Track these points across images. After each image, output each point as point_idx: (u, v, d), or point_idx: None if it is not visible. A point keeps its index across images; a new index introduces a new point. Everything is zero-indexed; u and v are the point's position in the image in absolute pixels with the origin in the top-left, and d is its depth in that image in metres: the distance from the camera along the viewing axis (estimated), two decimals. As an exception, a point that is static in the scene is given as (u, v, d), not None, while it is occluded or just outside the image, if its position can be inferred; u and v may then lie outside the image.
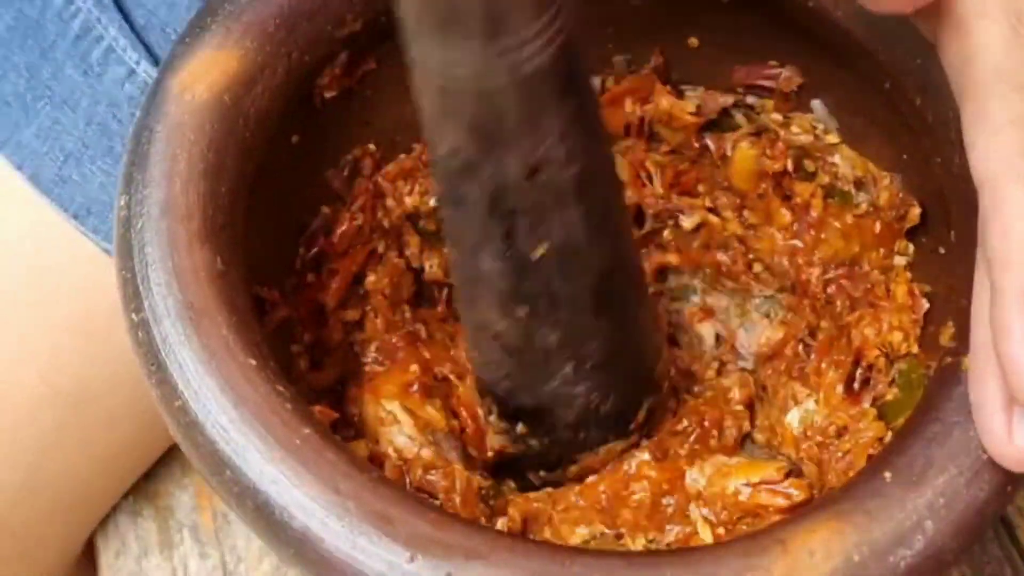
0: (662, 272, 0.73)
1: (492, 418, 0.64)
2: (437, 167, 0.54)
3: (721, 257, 0.71)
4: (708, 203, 0.71)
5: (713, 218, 0.71)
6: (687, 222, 0.71)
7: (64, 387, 0.78)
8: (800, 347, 0.68)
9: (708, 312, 0.72)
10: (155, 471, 0.85)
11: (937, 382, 0.53)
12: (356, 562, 0.47)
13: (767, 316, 0.71)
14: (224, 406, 0.50)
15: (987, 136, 0.49)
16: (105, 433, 0.80)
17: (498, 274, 0.55)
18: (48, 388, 0.78)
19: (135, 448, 0.82)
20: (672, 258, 0.72)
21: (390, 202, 0.69)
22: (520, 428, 0.63)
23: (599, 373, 0.60)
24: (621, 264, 0.59)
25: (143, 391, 0.77)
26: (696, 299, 0.73)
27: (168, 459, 0.85)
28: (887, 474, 0.50)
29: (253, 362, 0.51)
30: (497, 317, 0.57)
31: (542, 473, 0.65)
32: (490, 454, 0.65)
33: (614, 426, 0.64)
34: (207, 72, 0.58)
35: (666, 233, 0.72)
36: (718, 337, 0.72)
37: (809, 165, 0.69)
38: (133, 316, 0.53)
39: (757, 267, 0.71)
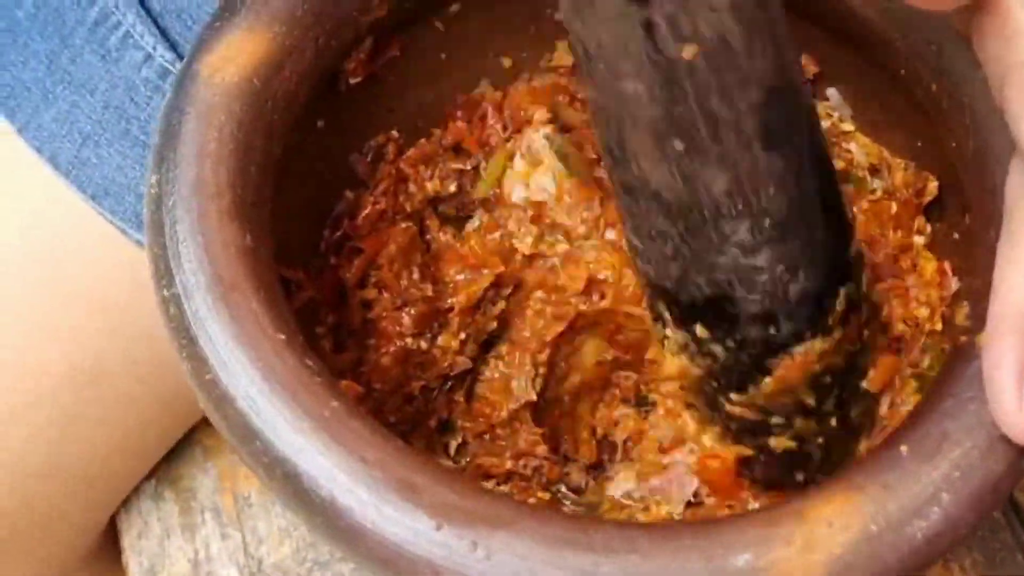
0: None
1: (668, 332, 0.59)
2: None
3: None
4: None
5: None
6: None
7: (83, 365, 0.80)
8: None
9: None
10: (176, 455, 0.86)
11: (952, 359, 0.54)
12: (383, 530, 0.48)
13: None
14: (254, 378, 0.51)
15: None
16: (124, 412, 0.81)
17: (645, 95, 0.48)
18: (67, 366, 0.79)
19: (155, 428, 0.83)
20: None
21: (412, 187, 0.70)
22: (699, 330, 0.57)
23: (782, 235, 0.53)
24: (788, 81, 0.51)
25: (161, 372, 0.80)
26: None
27: (189, 442, 0.86)
28: (903, 448, 0.51)
29: (282, 336, 0.52)
30: (652, 163, 0.50)
31: (732, 396, 0.59)
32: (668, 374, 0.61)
33: (809, 319, 0.56)
34: (236, 55, 0.59)
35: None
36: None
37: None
38: (164, 292, 0.54)
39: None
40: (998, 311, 0.51)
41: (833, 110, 0.70)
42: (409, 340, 0.66)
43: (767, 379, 0.58)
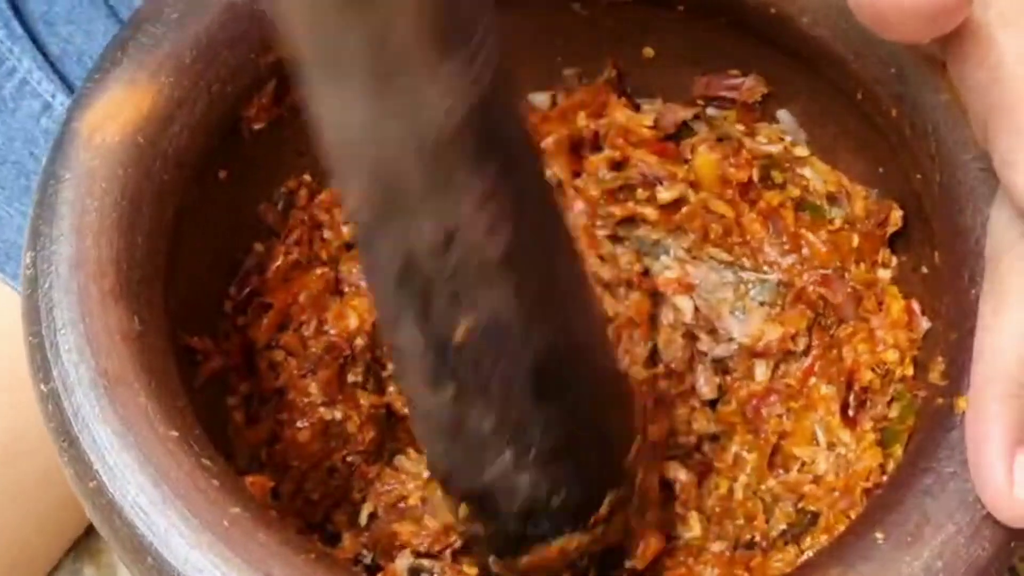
0: (630, 220, 0.67)
1: (438, 492, 0.58)
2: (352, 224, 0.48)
3: (711, 223, 0.65)
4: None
5: (695, 194, 0.66)
6: (666, 193, 0.66)
7: None
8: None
9: (686, 285, 0.66)
10: (95, 528, 0.80)
11: (928, 426, 0.49)
12: (293, 659, 0.43)
13: (763, 305, 0.66)
14: (143, 485, 0.46)
15: None
16: (41, 489, 0.76)
17: (419, 352, 0.48)
18: (-21, 444, 0.74)
19: (74, 504, 0.78)
20: (648, 212, 0.66)
21: (327, 233, 0.65)
22: (463, 510, 0.55)
23: (546, 463, 0.52)
24: (571, 341, 0.51)
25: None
26: (668, 260, 0.67)
27: (109, 513, 0.81)
28: (879, 534, 0.46)
29: (175, 433, 0.47)
30: (424, 395, 0.50)
31: (491, 557, 0.58)
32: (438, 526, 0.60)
33: (571, 519, 0.55)
34: (118, 112, 0.53)
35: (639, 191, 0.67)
36: (697, 312, 0.67)
37: (777, 176, 0.64)
38: (42, 387, 0.49)
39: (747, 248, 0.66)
40: (983, 375, 0.46)
41: (785, 134, 0.64)
42: (323, 410, 0.61)
43: (524, 557, 0.56)
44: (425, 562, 0.59)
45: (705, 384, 0.64)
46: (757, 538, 0.61)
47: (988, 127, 0.46)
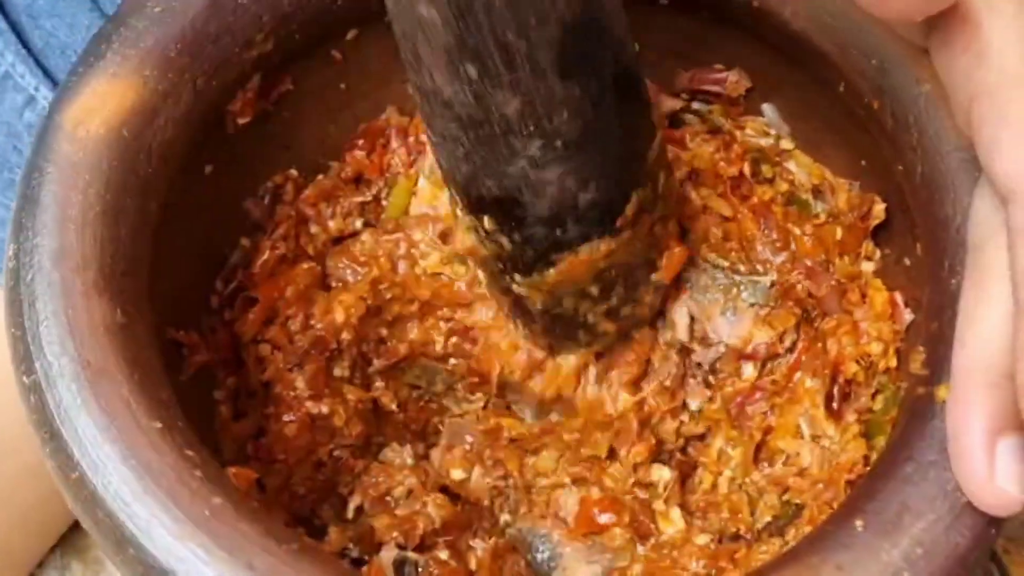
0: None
1: (459, 212, 0.57)
2: None
3: (711, 226, 0.65)
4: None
5: (695, 191, 0.65)
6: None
7: None
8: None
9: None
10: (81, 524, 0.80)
11: (909, 415, 0.49)
12: (274, 648, 0.43)
13: (753, 306, 0.65)
14: (126, 476, 0.46)
15: (1014, 138, 0.45)
16: (26, 487, 0.76)
17: (440, 21, 0.46)
18: (-37, 443, 0.74)
19: (59, 500, 0.77)
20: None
21: (314, 228, 0.65)
22: (487, 222, 0.55)
23: (574, 154, 0.52)
24: (592, 16, 0.49)
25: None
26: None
27: (97, 508, 0.80)
28: (859, 522, 0.46)
29: (158, 425, 0.47)
30: (445, 79, 0.49)
31: (517, 277, 0.58)
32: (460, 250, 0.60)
33: (597, 221, 0.55)
34: (102, 105, 0.53)
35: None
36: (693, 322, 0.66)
37: (767, 170, 0.64)
38: (24, 379, 0.48)
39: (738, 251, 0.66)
40: (964, 364, 0.46)
41: (769, 127, 0.64)
42: (309, 404, 0.60)
43: (551, 270, 0.57)
44: (410, 555, 0.59)
45: (695, 397, 0.64)
46: (742, 530, 0.61)
47: (972, 113, 0.46)
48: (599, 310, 0.60)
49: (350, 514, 0.61)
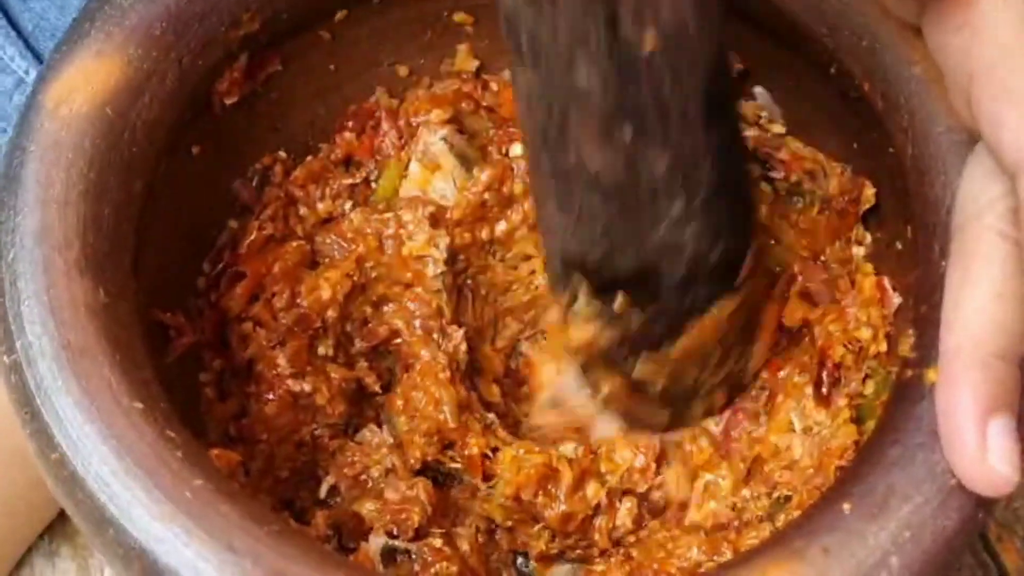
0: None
1: (579, 303, 0.56)
2: None
3: None
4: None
5: None
6: None
7: None
8: None
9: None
10: (71, 508, 0.79)
11: (897, 398, 0.49)
12: (255, 628, 0.43)
13: None
14: (106, 456, 0.45)
15: (1019, 111, 0.44)
16: (13, 473, 0.75)
17: (600, 85, 0.47)
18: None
19: (46, 488, 0.77)
20: None
21: (303, 210, 0.64)
22: (619, 302, 0.55)
23: (710, 208, 0.52)
24: (724, 57, 0.51)
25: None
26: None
27: (86, 493, 0.80)
28: (846, 505, 0.45)
29: (139, 405, 0.46)
30: (596, 149, 0.49)
31: (643, 356, 0.57)
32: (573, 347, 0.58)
33: (722, 279, 0.56)
34: (86, 83, 0.53)
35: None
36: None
37: (754, 168, 0.64)
38: (5, 358, 0.48)
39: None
40: (953, 344, 0.46)
41: (762, 110, 0.64)
42: (290, 382, 0.60)
43: (681, 339, 0.56)
44: (399, 544, 0.58)
45: None
46: (735, 523, 0.60)
47: (972, 90, 0.46)
48: (717, 378, 0.60)
49: (323, 494, 0.61)
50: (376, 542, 0.58)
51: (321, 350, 0.62)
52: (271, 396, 0.60)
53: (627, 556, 0.60)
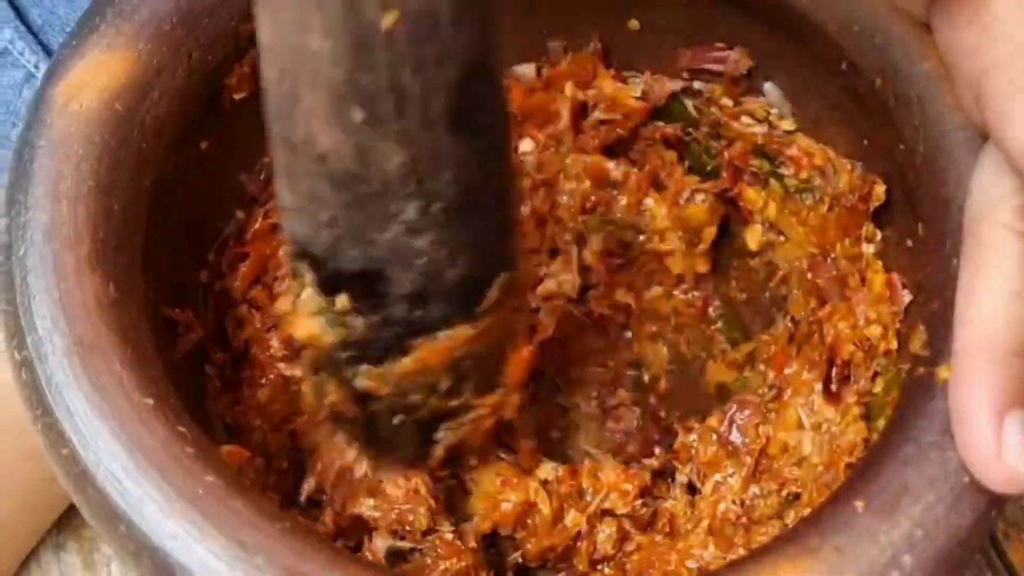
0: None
1: (304, 295, 0.51)
2: None
3: None
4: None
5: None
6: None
7: None
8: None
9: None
10: (77, 503, 0.79)
11: (909, 396, 0.48)
12: (266, 624, 0.43)
13: None
14: (117, 452, 0.45)
15: None
16: (27, 468, 0.75)
17: (330, 55, 0.43)
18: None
19: (58, 482, 0.77)
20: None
21: None
22: (342, 300, 0.50)
23: (450, 221, 0.48)
24: (486, 61, 0.46)
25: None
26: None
27: (92, 488, 0.80)
28: (859, 503, 0.45)
29: (150, 401, 0.46)
30: (324, 126, 0.45)
31: (364, 368, 0.53)
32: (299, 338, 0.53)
33: (462, 302, 0.51)
34: (96, 78, 0.53)
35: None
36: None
37: (763, 165, 0.64)
38: (16, 354, 0.48)
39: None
40: (967, 341, 0.45)
41: (771, 106, 0.64)
42: (282, 365, 0.60)
43: (405, 359, 0.52)
44: (404, 544, 0.58)
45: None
46: (743, 520, 0.60)
47: (981, 86, 0.46)
48: (446, 406, 0.55)
49: (305, 490, 0.60)
50: (381, 544, 0.57)
51: None
52: (264, 381, 0.60)
53: (620, 568, 0.60)
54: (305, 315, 0.52)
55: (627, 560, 0.59)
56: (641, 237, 0.66)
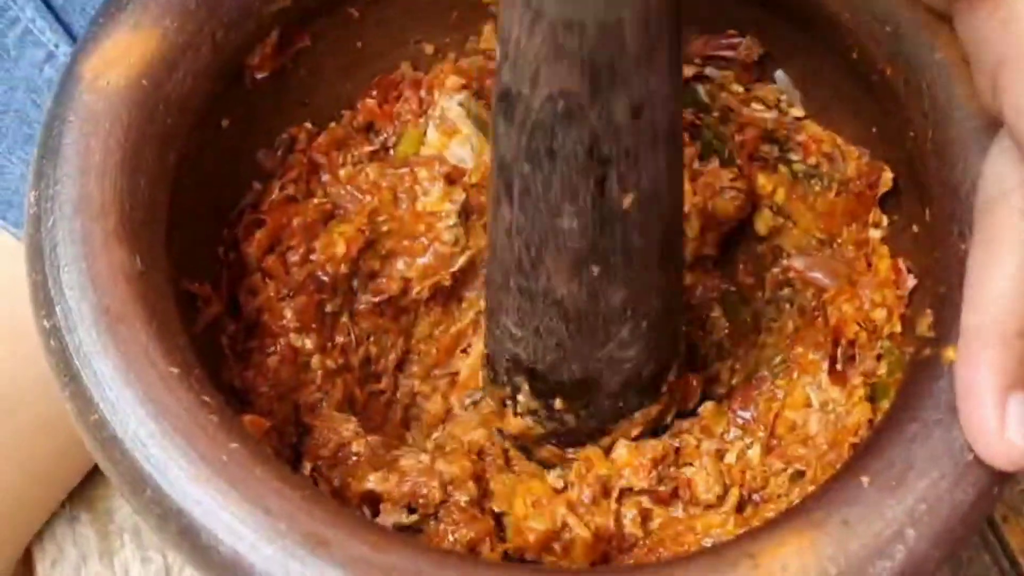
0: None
1: (521, 398, 0.60)
2: (524, 119, 0.48)
3: None
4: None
5: None
6: None
7: None
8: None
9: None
10: (92, 474, 0.80)
11: (914, 376, 0.49)
12: (290, 588, 0.44)
13: None
14: (143, 419, 0.46)
15: None
16: (40, 440, 0.76)
17: (579, 231, 0.51)
18: (-23, 395, 0.74)
19: (72, 454, 0.78)
20: None
21: (325, 176, 0.65)
22: (558, 404, 0.59)
23: (651, 333, 0.57)
24: (680, 215, 0.56)
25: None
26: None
27: (106, 460, 0.81)
28: (864, 479, 0.46)
29: (175, 370, 0.48)
30: (564, 281, 0.53)
31: (569, 451, 0.62)
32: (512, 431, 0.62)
33: (648, 389, 0.60)
34: (123, 56, 0.54)
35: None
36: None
37: (772, 150, 0.65)
38: (44, 322, 0.49)
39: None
40: (974, 323, 0.46)
41: (782, 93, 0.65)
42: (293, 336, 0.61)
43: (605, 439, 0.61)
44: (410, 519, 0.59)
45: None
46: (757, 499, 0.61)
47: (999, 77, 0.46)
48: None
49: (306, 470, 0.60)
50: (386, 520, 0.58)
51: (329, 308, 0.62)
52: (273, 349, 0.61)
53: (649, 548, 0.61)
54: (517, 416, 0.61)
55: (648, 538, 0.60)
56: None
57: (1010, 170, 0.48)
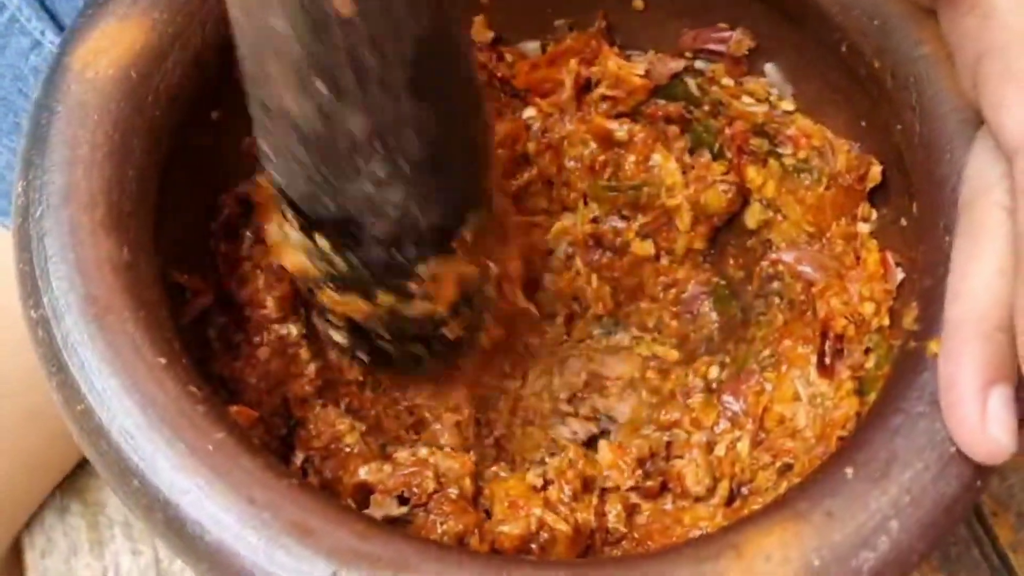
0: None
1: (290, 230, 0.55)
2: None
3: None
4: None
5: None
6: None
7: None
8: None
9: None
10: (83, 465, 0.81)
11: (899, 369, 0.50)
12: (275, 578, 0.44)
13: None
14: (130, 409, 0.46)
15: (1021, 95, 0.45)
16: (29, 429, 0.76)
17: (293, 36, 0.46)
18: (-35, 385, 0.74)
19: (61, 444, 0.78)
20: None
21: None
22: (322, 242, 0.54)
23: (418, 175, 0.51)
24: (444, 32, 0.50)
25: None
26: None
27: (97, 451, 0.81)
28: (848, 470, 0.46)
29: (162, 360, 0.48)
30: (292, 96, 0.48)
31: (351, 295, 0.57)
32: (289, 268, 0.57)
33: (435, 242, 0.55)
34: (111, 46, 0.54)
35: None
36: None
37: (763, 144, 0.65)
38: (32, 312, 0.49)
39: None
40: (957, 315, 0.47)
41: (772, 87, 0.65)
42: (276, 326, 0.61)
43: (385, 296, 0.56)
44: (398, 511, 0.59)
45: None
46: (745, 492, 0.61)
47: (978, 71, 0.47)
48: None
49: (298, 462, 0.60)
50: (376, 512, 0.58)
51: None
52: (259, 339, 0.61)
53: (637, 541, 0.61)
54: (292, 249, 0.55)
55: (635, 532, 0.60)
56: (647, 189, 0.67)
57: (993, 163, 0.48)
